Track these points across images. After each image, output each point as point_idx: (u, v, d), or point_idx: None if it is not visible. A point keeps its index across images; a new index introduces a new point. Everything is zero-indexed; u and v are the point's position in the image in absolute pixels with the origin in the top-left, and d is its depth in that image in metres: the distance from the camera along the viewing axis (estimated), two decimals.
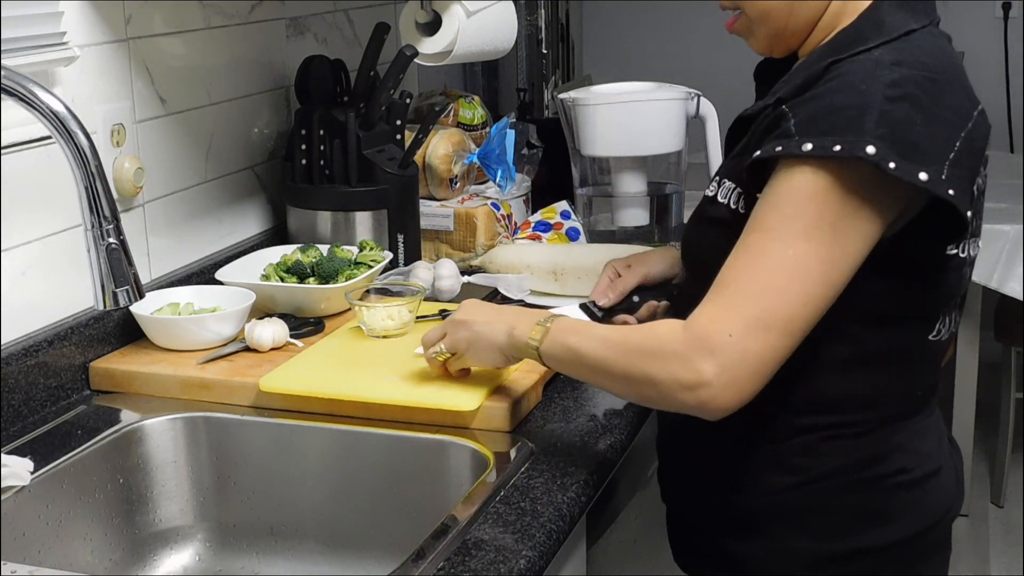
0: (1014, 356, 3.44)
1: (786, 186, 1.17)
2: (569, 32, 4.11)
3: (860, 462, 1.30)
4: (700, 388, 1.15)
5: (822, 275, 1.16)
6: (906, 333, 1.29)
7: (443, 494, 1.41)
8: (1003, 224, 2.99)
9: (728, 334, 1.14)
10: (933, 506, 1.34)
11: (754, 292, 1.15)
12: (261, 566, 1.51)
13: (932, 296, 1.28)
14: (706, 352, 1.15)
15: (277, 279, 1.81)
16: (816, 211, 1.15)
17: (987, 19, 4.18)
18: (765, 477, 1.32)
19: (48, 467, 1.38)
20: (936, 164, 1.15)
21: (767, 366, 1.16)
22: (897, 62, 1.19)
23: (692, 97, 2.14)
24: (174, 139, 1.84)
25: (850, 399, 1.29)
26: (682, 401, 1.18)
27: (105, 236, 1.20)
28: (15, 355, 1.49)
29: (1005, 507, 3.47)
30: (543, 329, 1.30)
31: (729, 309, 1.16)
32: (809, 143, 1.15)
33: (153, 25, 1.77)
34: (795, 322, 1.16)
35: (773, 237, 1.16)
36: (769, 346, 1.15)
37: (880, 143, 1.13)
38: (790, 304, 1.15)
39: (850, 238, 1.16)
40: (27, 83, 1.18)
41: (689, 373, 1.15)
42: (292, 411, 1.51)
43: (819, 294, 1.16)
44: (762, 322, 1.14)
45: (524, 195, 2.30)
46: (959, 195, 1.16)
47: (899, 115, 1.15)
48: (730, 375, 1.14)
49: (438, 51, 2.05)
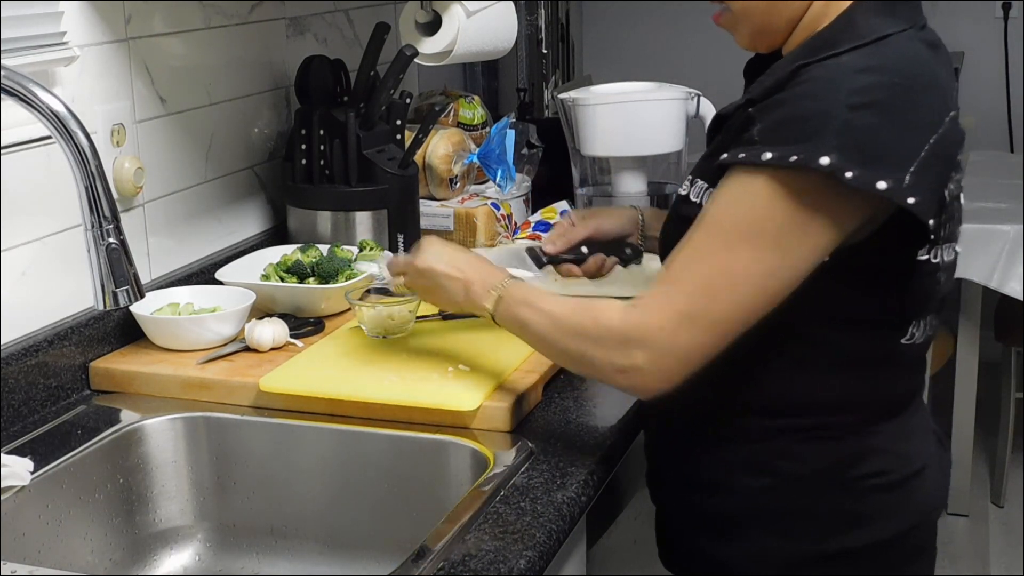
0: (1014, 356, 3.44)
1: (739, 190, 1.20)
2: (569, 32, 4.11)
3: (836, 465, 1.31)
4: (632, 373, 1.23)
5: (760, 283, 1.19)
6: (877, 338, 1.30)
7: (443, 494, 1.41)
8: (1003, 224, 2.99)
9: (659, 327, 1.21)
10: (914, 507, 1.35)
11: (690, 291, 1.21)
12: (261, 566, 1.51)
13: (903, 301, 1.28)
14: (638, 342, 1.22)
15: (277, 279, 1.81)
16: (764, 220, 1.18)
17: (987, 19, 4.18)
18: (742, 478, 1.33)
19: (48, 467, 1.38)
20: (898, 172, 1.15)
21: (696, 358, 1.22)
22: (865, 68, 1.18)
23: (692, 97, 2.14)
24: (174, 139, 1.84)
25: (823, 402, 1.30)
26: (616, 382, 1.27)
27: (105, 236, 1.20)
28: (15, 355, 1.49)
29: (1005, 507, 3.48)
30: (496, 296, 1.37)
31: (663, 303, 1.22)
32: (769, 152, 1.17)
33: (153, 25, 1.77)
34: (727, 324, 1.21)
35: (718, 240, 1.20)
36: (697, 342, 1.21)
37: (838, 153, 1.14)
38: (722, 307, 1.20)
39: (795, 248, 1.18)
40: (27, 83, 1.18)
41: (623, 359, 1.23)
42: (292, 411, 1.51)
43: (755, 300, 1.20)
44: (693, 319, 1.20)
45: (524, 195, 2.30)
46: (920, 203, 1.16)
47: (861, 123, 1.15)
48: (658, 365, 1.22)
49: (438, 51, 2.05)
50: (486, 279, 1.39)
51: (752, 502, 1.33)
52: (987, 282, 3.02)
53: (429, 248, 1.47)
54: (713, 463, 1.35)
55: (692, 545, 1.41)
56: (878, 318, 1.28)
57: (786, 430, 1.31)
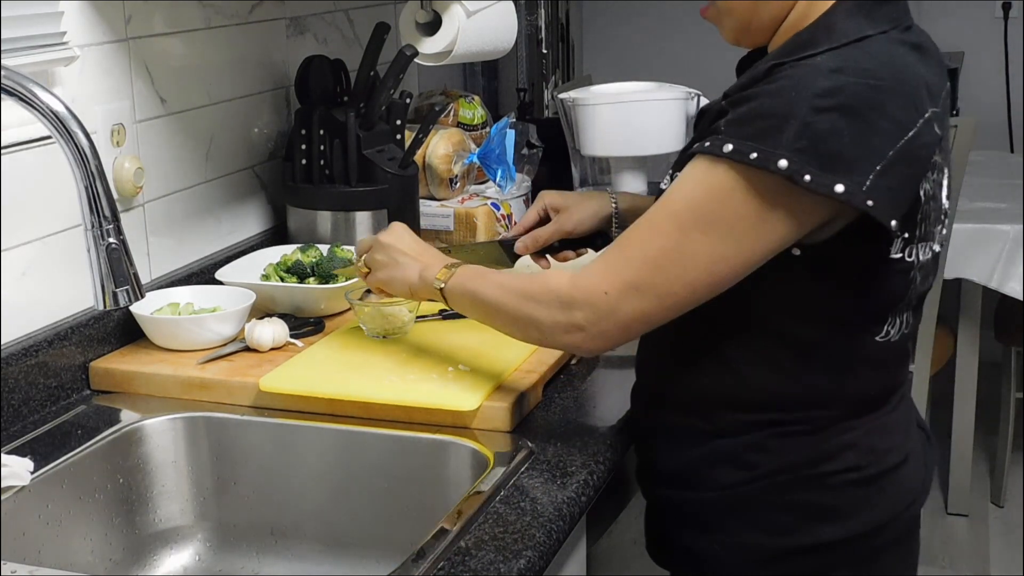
0: (1014, 356, 3.44)
1: (700, 176, 1.23)
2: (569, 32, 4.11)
3: (810, 459, 1.32)
4: (573, 332, 1.28)
5: (708, 267, 1.22)
6: (851, 335, 1.31)
7: (443, 494, 1.41)
8: (1003, 224, 2.99)
9: (604, 291, 1.25)
10: (890, 502, 1.35)
11: (637, 262, 1.25)
12: (261, 566, 1.51)
13: (875, 299, 1.29)
14: (583, 304, 1.27)
15: (277, 279, 1.81)
16: (720, 209, 1.21)
17: (987, 19, 4.18)
18: (720, 472, 1.35)
19: (48, 467, 1.38)
20: (858, 175, 1.16)
21: (636, 325, 1.27)
22: (837, 69, 1.19)
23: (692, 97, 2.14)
24: (174, 139, 1.84)
25: (797, 397, 1.32)
26: (561, 341, 1.33)
27: (105, 236, 1.20)
28: (15, 355, 1.49)
29: (1005, 507, 3.47)
30: (449, 272, 1.42)
31: (611, 270, 1.26)
32: (730, 144, 1.19)
33: (153, 25, 1.77)
34: (670, 297, 1.25)
35: (670, 219, 1.24)
36: (639, 310, 1.25)
37: (796, 155, 1.15)
38: (667, 282, 1.24)
39: (746, 240, 1.21)
40: (27, 83, 1.18)
41: (567, 317, 1.28)
42: (292, 411, 1.51)
43: (702, 282, 1.23)
44: (637, 289, 1.24)
45: (524, 195, 2.30)
46: (880, 205, 1.17)
47: (823, 126, 1.16)
48: (599, 327, 1.27)
49: (438, 51, 2.05)
50: (442, 261, 1.45)
51: (728, 496, 1.35)
52: (987, 282, 3.01)
53: (394, 229, 1.53)
54: (691, 457, 1.37)
55: (673, 538, 1.43)
56: (851, 315, 1.30)
57: (762, 424, 1.32)
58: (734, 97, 1.25)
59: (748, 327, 1.30)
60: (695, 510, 1.38)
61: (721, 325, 1.30)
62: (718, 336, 1.31)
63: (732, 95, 1.26)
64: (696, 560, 1.39)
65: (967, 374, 3.29)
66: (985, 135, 3.94)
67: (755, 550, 1.35)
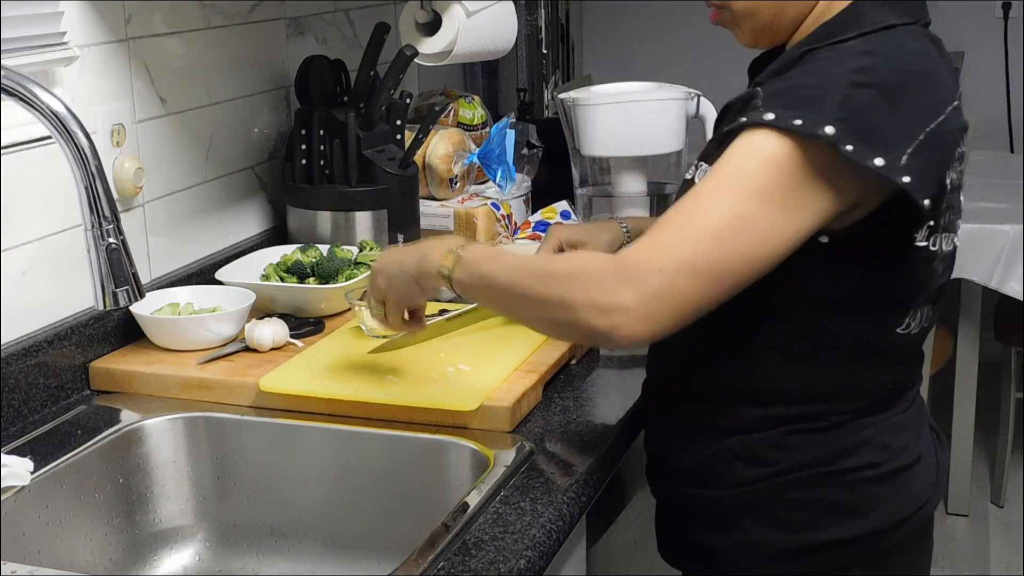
0: (1014, 356, 3.44)
1: (747, 147, 1.19)
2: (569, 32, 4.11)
3: (827, 456, 1.32)
4: (615, 313, 1.13)
5: (763, 238, 1.16)
6: (871, 325, 1.30)
7: (443, 494, 1.41)
8: (1003, 224, 2.99)
9: (658, 268, 1.14)
10: (905, 500, 1.35)
11: (694, 236, 1.15)
12: (261, 566, 1.51)
13: (898, 288, 1.29)
14: (631, 280, 1.14)
15: (277, 279, 1.81)
16: (771, 176, 1.17)
17: (987, 19, 4.18)
18: (734, 469, 1.34)
19: (48, 467, 1.38)
20: (894, 152, 1.16)
21: (687, 309, 1.15)
22: (869, 51, 1.21)
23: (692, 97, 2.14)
24: (174, 139, 1.84)
25: (814, 391, 1.31)
26: (594, 325, 1.15)
27: (105, 236, 1.20)
28: (15, 355, 1.49)
29: (1005, 507, 3.48)
30: (454, 256, 1.28)
31: (665, 246, 1.15)
32: (771, 113, 1.18)
33: (153, 25, 1.77)
34: (727, 275, 1.16)
35: (725, 190, 1.17)
36: (695, 290, 1.14)
37: (839, 124, 1.15)
38: (726, 257, 1.15)
39: (798, 209, 1.18)
40: (27, 83, 1.18)
41: (608, 297, 1.14)
42: (292, 411, 1.51)
43: (757, 255, 1.17)
44: (695, 266, 1.14)
45: (524, 195, 2.30)
46: (915, 182, 1.17)
47: (862, 100, 1.17)
48: (648, 308, 1.13)
49: (438, 51, 2.05)
50: (442, 244, 1.31)
51: (744, 493, 1.34)
52: (987, 282, 3.02)
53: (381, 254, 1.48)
54: (706, 454, 1.36)
55: (686, 536, 1.42)
56: (874, 304, 1.29)
57: (779, 420, 1.32)
58: (767, 82, 1.25)
59: (770, 320, 1.28)
60: (709, 507, 1.37)
61: (740, 318, 1.27)
62: (737, 330, 1.30)
63: (764, 81, 1.26)
64: (710, 558, 1.38)
65: (967, 374, 3.29)
66: (985, 135, 3.95)
67: (770, 547, 1.34)
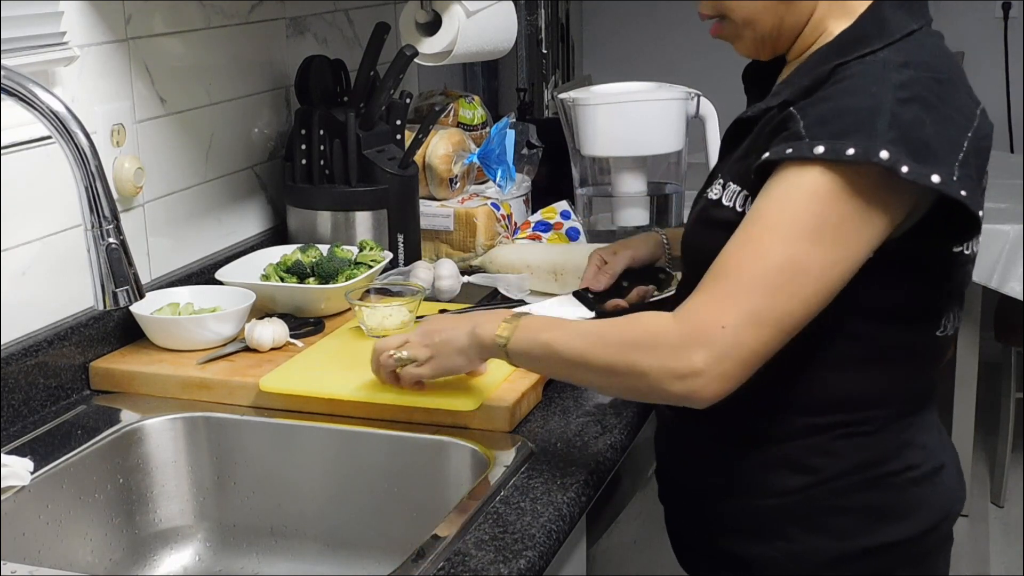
0: (1014, 356, 3.44)
1: (794, 185, 1.17)
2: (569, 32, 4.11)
3: (873, 460, 1.30)
4: (691, 378, 1.16)
5: (820, 277, 1.16)
6: (915, 330, 1.30)
7: (443, 494, 1.41)
8: (1003, 224, 2.99)
9: (722, 326, 1.15)
10: (941, 501, 1.35)
11: (751, 287, 1.16)
12: (261, 566, 1.51)
13: (940, 293, 1.29)
14: (699, 343, 1.15)
15: (277, 279, 1.81)
16: (821, 213, 1.16)
17: (987, 19, 4.18)
18: (776, 477, 1.32)
19: (48, 467, 1.38)
20: (947, 165, 1.15)
21: (757, 359, 1.17)
22: (905, 63, 1.19)
23: (692, 97, 2.14)
24: (174, 139, 1.84)
25: (861, 397, 1.30)
26: (672, 391, 1.18)
27: (105, 236, 1.20)
28: (15, 355, 1.49)
29: (1005, 507, 3.48)
30: (511, 326, 1.30)
31: (724, 301, 1.16)
32: (821, 146, 1.15)
33: (153, 25, 1.77)
34: (789, 320, 1.17)
35: (774, 235, 1.17)
36: (761, 341, 1.16)
37: (893, 146, 1.13)
38: (786, 302, 1.16)
39: (852, 241, 1.17)
40: (27, 83, 1.18)
41: (681, 363, 1.16)
42: (292, 411, 1.51)
43: (815, 295, 1.17)
44: (757, 317, 1.15)
45: (524, 195, 2.30)
46: (970, 195, 1.17)
47: (910, 117, 1.15)
48: (722, 367, 1.15)
49: (438, 51, 2.05)
50: (494, 316, 1.33)
51: (788, 501, 1.32)
52: (987, 282, 3.02)
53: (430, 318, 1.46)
54: (747, 464, 1.34)
55: (716, 545, 1.39)
56: (918, 311, 1.29)
57: (825, 427, 1.30)
58: (803, 102, 1.21)
59: (817, 330, 1.23)
60: (748, 517, 1.34)
61: None
62: None
63: (796, 100, 1.22)
64: (745, 567, 1.35)
65: (967, 374, 3.29)
66: None
67: (817, 555, 1.32)
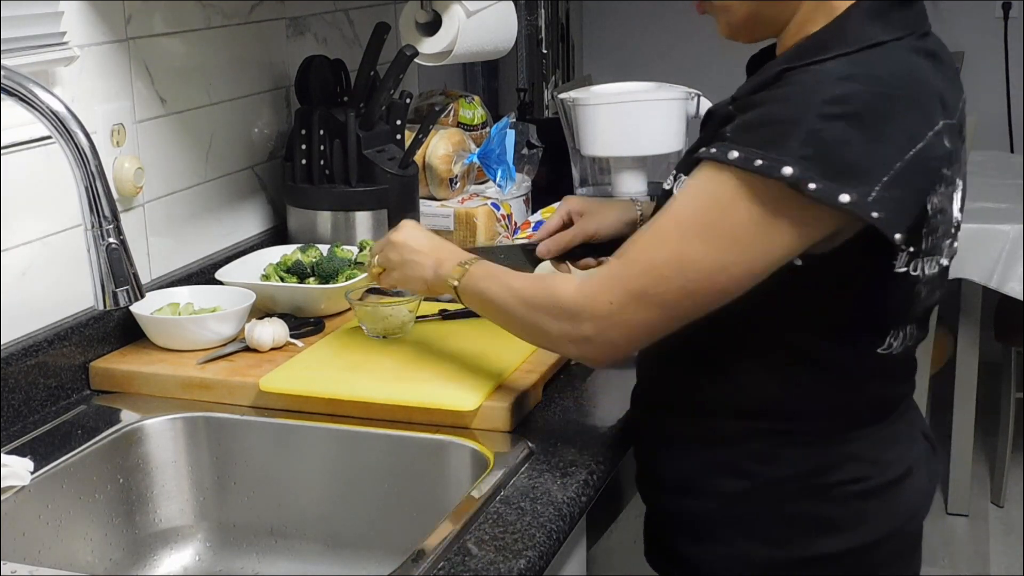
0: (1014, 356, 3.44)
1: (704, 184, 1.22)
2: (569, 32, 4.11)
3: (812, 470, 1.31)
4: (581, 343, 1.29)
5: (709, 276, 1.21)
6: (852, 346, 1.29)
7: (443, 494, 1.41)
8: (1003, 224, 2.99)
9: (609, 302, 1.25)
10: (892, 515, 1.34)
11: (640, 271, 1.24)
12: (261, 566, 1.51)
13: (877, 311, 1.28)
14: (589, 314, 1.26)
15: (277, 279, 1.81)
16: (721, 216, 1.19)
17: (987, 19, 4.18)
18: (719, 481, 1.34)
19: (48, 467, 1.38)
20: (864, 185, 1.14)
21: (643, 334, 1.27)
22: (848, 76, 1.17)
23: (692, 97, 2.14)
24: (174, 139, 1.84)
25: (798, 407, 1.30)
26: (567, 351, 1.36)
27: (105, 236, 1.20)
28: (15, 355, 1.49)
29: (1005, 507, 3.48)
30: (463, 270, 1.41)
31: (615, 279, 1.26)
32: (736, 151, 1.17)
33: (153, 25, 1.77)
34: (675, 306, 1.24)
35: (675, 228, 1.23)
36: (643, 319, 1.25)
37: (802, 163, 1.13)
38: (671, 292, 1.22)
39: (753, 249, 1.19)
40: (27, 83, 1.18)
41: (573, 330, 1.28)
42: (292, 411, 1.51)
43: (704, 292, 1.22)
44: (641, 298, 1.23)
45: (524, 195, 2.30)
46: (886, 216, 1.15)
47: (831, 134, 1.14)
48: (605, 336, 1.26)
49: (438, 51, 2.05)
50: (457, 256, 1.45)
51: (728, 505, 1.33)
52: (987, 282, 3.01)
53: (406, 227, 1.52)
54: (691, 465, 1.36)
55: (670, 546, 1.42)
56: (852, 327, 1.28)
57: (764, 433, 1.31)
58: (741, 102, 1.23)
59: (750, 336, 1.28)
60: (693, 518, 1.37)
61: (723, 333, 1.28)
62: (720, 344, 1.30)
63: (740, 99, 1.25)
64: (693, 569, 1.38)
65: (967, 374, 3.29)
66: (985, 135, 3.95)
67: (752, 561, 1.33)
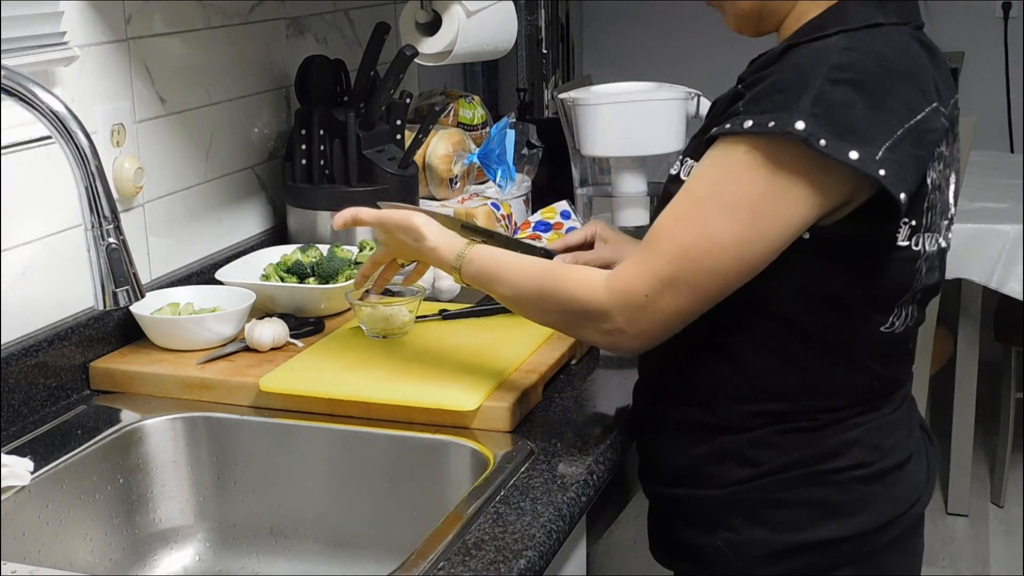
0: (1014, 356, 3.44)
1: (720, 160, 1.24)
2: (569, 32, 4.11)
3: (815, 456, 1.32)
4: (615, 335, 1.30)
5: (735, 252, 1.23)
6: (854, 323, 1.31)
7: (443, 494, 1.41)
8: (1003, 224, 2.99)
9: (644, 295, 1.26)
10: (895, 500, 1.36)
11: (670, 257, 1.25)
12: (261, 566, 1.51)
13: (880, 286, 1.30)
14: (622, 308, 1.28)
15: (277, 279, 1.81)
16: (740, 189, 1.22)
17: (987, 19, 4.18)
18: (724, 469, 1.35)
19: (48, 467, 1.38)
20: (870, 146, 1.18)
21: (676, 321, 1.28)
22: (849, 47, 1.22)
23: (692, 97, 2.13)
24: (174, 139, 1.84)
25: (800, 388, 1.32)
26: (597, 341, 1.38)
27: (105, 236, 1.20)
28: (15, 355, 1.49)
29: (1005, 507, 3.48)
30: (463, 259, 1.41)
31: (645, 268, 1.27)
32: (750, 120, 1.21)
33: (153, 25, 1.77)
34: (705, 289, 1.25)
35: (696, 208, 1.25)
36: (676, 306, 1.26)
37: (812, 120, 1.17)
38: (700, 274, 1.24)
39: (771, 218, 1.21)
40: (27, 83, 1.18)
41: (607, 323, 1.30)
42: (292, 411, 1.51)
43: (731, 269, 1.24)
44: (673, 284, 1.25)
45: (524, 195, 2.30)
46: (891, 176, 1.18)
47: (837, 96, 1.18)
48: (640, 327, 1.28)
49: (438, 51, 2.05)
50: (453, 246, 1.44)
51: (733, 493, 1.34)
52: (987, 282, 3.02)
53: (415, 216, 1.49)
54: (696, 454, 1.37)
55: (675, 536, 1.42)
56: (857, 301, 1.30)
57: (767, 418, 1.32)
58: (749, 80, 1.27)
59: (753, 316, 1.30)
60: (698, 507, 1.38)
61: (725, 315, 1.29)
62: (722, 327, 1.31)
63: (747, 78, 1.28)
64: (699, 558, 1.39)
65: (967, 374, 3.29)
66: (985, 135, 3.95)
67: (759, 547, 1.34)
